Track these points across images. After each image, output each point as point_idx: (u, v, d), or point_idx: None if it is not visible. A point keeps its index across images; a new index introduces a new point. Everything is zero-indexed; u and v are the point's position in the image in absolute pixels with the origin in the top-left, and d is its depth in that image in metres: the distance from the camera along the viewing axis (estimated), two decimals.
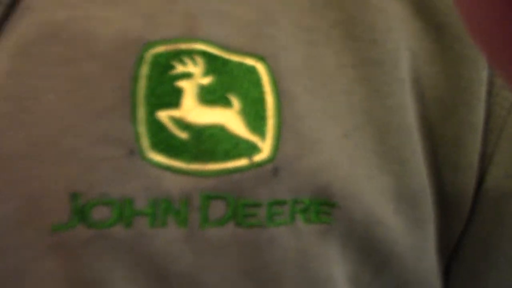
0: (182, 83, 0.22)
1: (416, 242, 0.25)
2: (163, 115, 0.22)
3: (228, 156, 0.22)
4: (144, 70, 0.22)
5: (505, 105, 0.26)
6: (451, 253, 0.27)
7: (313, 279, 0.23)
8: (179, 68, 0.22)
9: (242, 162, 0.22)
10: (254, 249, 0.22)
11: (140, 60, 0.22)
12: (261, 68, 0.23)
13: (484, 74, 0.25)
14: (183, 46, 0.22)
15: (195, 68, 0.22)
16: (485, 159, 0.26)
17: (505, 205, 0.26)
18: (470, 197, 0.26)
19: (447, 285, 0.27)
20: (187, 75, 0.22)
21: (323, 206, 0.23)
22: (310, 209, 0.23)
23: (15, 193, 0.21)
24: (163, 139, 0.22)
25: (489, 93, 0.26)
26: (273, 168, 0.22)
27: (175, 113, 0.22)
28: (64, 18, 0.22)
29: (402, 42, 0.25)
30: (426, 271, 0.26)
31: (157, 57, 0.22)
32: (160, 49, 0.22)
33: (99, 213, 0.21)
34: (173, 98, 0.22)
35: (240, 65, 0.23)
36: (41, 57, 0.22)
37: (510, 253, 0.26)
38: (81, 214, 0.21)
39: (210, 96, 0.22)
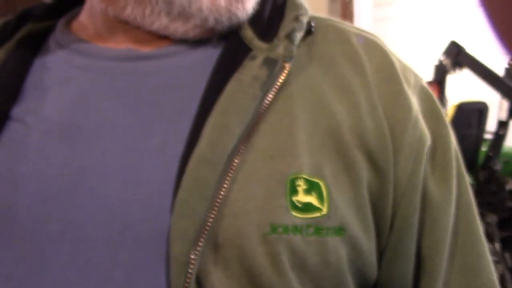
0: None
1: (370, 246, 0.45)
2: None
3: None
4: None
5: (407, 166, 0.45)
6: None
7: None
8: None
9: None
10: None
11: None
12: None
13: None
14: None
15: None
16: (394, 205, 0.46)
17: (405, 230, 0.46)
18: (389, 223, 0.46)
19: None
20: None
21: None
22: None
23: None
24: None
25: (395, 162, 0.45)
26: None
27: None
28: None
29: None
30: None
31: None
32: None
33: None
34: None
35: None
36: None
37: (407, 252, 0.47)
38: None
39: None
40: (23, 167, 0.44)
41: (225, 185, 0.40)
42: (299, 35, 0.47)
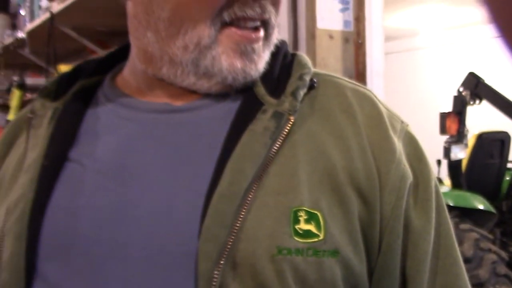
0: None
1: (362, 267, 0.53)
2: None
3: None
4: None
5: (391, 200, 0.54)
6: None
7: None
8: None
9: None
10: None
11: None
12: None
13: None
14: None
15: None
16: (381, 232, 0.54)
17: (390, 254, 0.54)
18: (377, 247, 0.54)
19: None
20: None
21: None
22: None
23: None
24: None
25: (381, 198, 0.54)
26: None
27: None
28: None
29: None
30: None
31: None
32: None
33: None
34: None
35: None
36: None
37: (392, 272, 0.55)
38: None
39: None
40: (81, 200, 0.55)
41: (241, 216, 0.49)
42: (302, 92, 0.56)
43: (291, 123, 0.54)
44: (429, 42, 6.75)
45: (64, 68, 2.38)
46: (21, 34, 2.45)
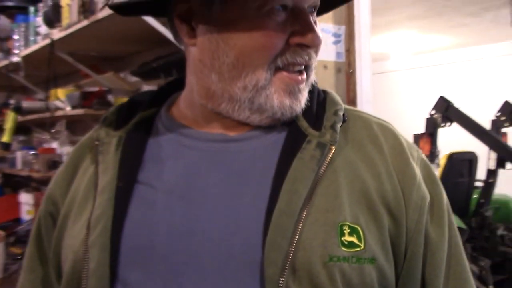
0: None
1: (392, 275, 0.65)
2: None
3: None
4: None
5: (414, 217, 0.65)
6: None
7: None
8: None
9: None
10: None
11: None
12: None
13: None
14: None
15: None
16: (406, 243, 0.65)
17: (413, 261, 0.65)
18: (403, 255, 0.65)
19: None
20: None
21: None
22: None
23: None
24: None
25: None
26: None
27: None
28: None
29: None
30: None
31: None
32: None
33: None
34: None
35: None
36: None
37: (415, 276, 0.66)
38: None
39: None
40: (155, 216, 0.64)
41: (298, 229, 0.59)
42: (339, 125, 0.68)
43: (332, 152, 0.65)
44: (399, 65, 7.02)
45: (61, 92, 2.45)
46: (15, 58, 2.51)
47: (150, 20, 1.87)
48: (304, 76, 0.68)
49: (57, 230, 0.72)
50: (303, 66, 0.67)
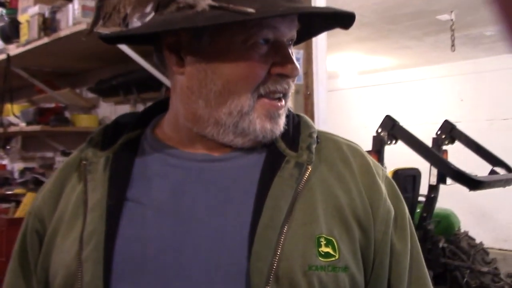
0: None
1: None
2: None
3: None
4: None
5: (381, 229, 0.72)
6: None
7: None
8: None
9: None
10: None
11: None
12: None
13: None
14: None
15: None
16: (374, 253, 0.72)
17: (380, 269, 0.72)
18: (371, 264, 0.72)
19: None
20: None
21: None
22: None
23: None
24: None
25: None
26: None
27: None
28: None
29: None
30: None
31: None
32: None
33: None
34: None
35: None
36: None
37: (382, 283, 0.73)
38: None
39: None
40: (145, 232, 0.68)
41: (281, 241, 0.65)
42: (314, 147, 0.75)
43: (309, 171, 0.72)
44: (347, 84, 7.27)
45: (16, 108, 2.42)
46: None
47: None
48: (283, 102, 0.74)
49: (45, 246, 0.74)
50: (282, 94, 0.73)
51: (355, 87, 7.41)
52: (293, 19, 0.72)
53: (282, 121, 0.74)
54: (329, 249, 0.68)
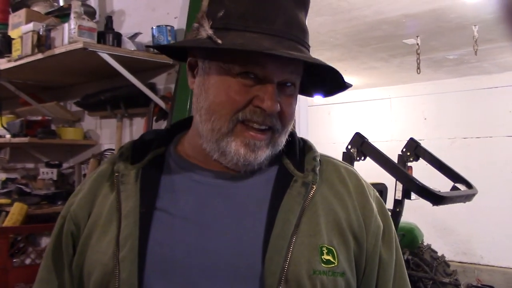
0: None
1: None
2: None
3: None
4: None
5: (372, 241, 0.85)
6: None
7: None
8: None
9: None
10: None
11: None
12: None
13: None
14: None
15: None
16: (366, 262, 0.84)
17: (370, 276, 0.85)
18: (363, 272, 0.84)
19: None
20: None
21: None
22: None
23: None
24: None
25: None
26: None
27: None
28: None
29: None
30: None
31: None
32: None
33: None
34: None
35: None
36: None
37: (370, 286, 0.86)
38: None
39: None
40: (174, 237, 0.79)
41: (290, 249, 0.77)
42: (317, 169, 0.86)
43: (314, 189, 0.84)
44: (316, 100, 7.46)
45: (4, 119, 2.46)
46: None
47: (105, 55, 1.99)
48: (266, 135, 0.81)
49: (80, 246, 0.83)
50: (265, 127, 0.80)
51: (324, 103, 7.62)
52: (286, 62, 0.78)
53: (263, 152, 0.82)
54: (329, 257, 0.79)
